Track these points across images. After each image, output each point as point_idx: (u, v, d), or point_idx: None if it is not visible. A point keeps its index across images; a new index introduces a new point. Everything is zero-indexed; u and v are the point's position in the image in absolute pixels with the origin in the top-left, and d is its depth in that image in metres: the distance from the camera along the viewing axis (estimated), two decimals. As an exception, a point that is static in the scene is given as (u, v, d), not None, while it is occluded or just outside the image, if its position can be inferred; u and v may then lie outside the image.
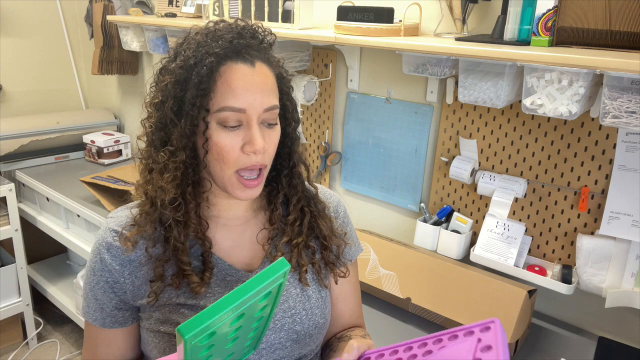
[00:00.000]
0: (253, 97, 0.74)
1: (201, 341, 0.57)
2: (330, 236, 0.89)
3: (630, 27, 1.06)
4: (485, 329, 0.56)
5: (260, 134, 0.75)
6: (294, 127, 0.86)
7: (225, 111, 0.73)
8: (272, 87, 0.77)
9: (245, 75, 0.74)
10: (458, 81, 1.27)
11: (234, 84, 0.73)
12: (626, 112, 1.03)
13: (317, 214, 0.89)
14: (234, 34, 0.76)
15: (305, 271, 0.85)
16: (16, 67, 2.60)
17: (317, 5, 1.62)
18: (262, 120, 0.76)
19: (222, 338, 0.61)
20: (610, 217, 1.24)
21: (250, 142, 0.74)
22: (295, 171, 0.88)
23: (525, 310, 1.27)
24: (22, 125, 2.44)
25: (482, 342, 0.55)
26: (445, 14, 1.41)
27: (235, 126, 0.74)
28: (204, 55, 0.73)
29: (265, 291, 0.61)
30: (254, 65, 0.75)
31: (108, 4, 2.34)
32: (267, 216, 0.89)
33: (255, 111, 0.74)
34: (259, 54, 0.77)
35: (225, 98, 0.73)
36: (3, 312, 2.27)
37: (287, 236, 0.86)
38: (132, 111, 2.74)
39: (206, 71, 0.73)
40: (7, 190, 2.19)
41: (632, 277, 1.24)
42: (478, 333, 0.56)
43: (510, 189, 1.38)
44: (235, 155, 0.75)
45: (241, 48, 0.75)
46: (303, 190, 0.89)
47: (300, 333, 0.83)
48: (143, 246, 0.80)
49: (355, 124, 1.75)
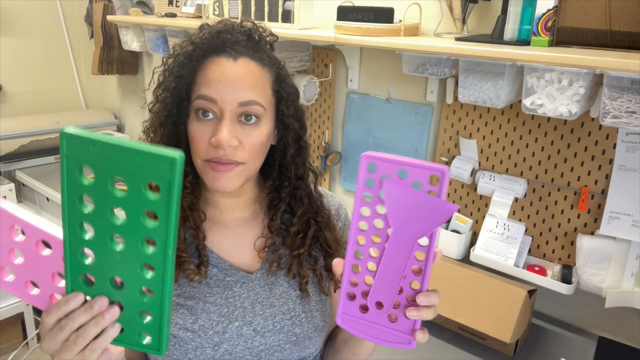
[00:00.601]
0: (226, 89, 0.74)
1: (80, 157, 0.50)
2: (334, 245, 0.88)
3: (630, 27, 1.06)
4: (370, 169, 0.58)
5: (228, 127, 0.73)
6: (294, 136, 0.83)
7: (199, 100, 0.75)
8: (253, 84, 0.76)
9: (224, 67, 0.75)
10: (458, 81, 1.27)
11: (209, 74, 0.75)
12: (626, 112, 1.03)
13: (324, 224, 0.88)
14: (221, 29, 0.77)
15: (305, 282, 0.85)
16: (16, 67, 2.60)
17: (317, 5, 1.62)
18: (238, 114, 0.75)
19: (104, 206, 0.52)
20: (610, 217, 1.24)
21: (215, 134, 0.74)
22: (299, 183, 0.86)
23: (525, 310, 1.27)
24: (22, 125, 2.44)
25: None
26: (445, 14, 1.41)
27: (208, 117, 0.75)
28: (189, 46, 0.77)
29: (145, 160, 0.49)
30: (236, 59, 0.75)
31: (108, 4, 2.34)
32: (266, 223, 0.87)
33: (227, 103, 0.73)
34: (246, 50, 0.77)
35: (200, 87, 0.75)
36: (3, 312, 2.27)
37: (286, 247, 0.85)
38: (132, 111, 2.74)
39: (190, 62, 0.75)
40: (7, 190, 2.19)
41: (632, 277, 1.24)
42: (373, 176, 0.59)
43: (510, 189, 1.38)
44: (204, 146, 0.75)
45: (227, 42, 0.76)
46: (309, 203, 0.87)
47: (299, 335, 0.83)
48: None
49: (355, 124, 1.75)
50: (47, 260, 0.57)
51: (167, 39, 1.98)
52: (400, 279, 0.61)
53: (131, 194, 0.51)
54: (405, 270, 0.60)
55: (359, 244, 0.61)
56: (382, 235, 0.60)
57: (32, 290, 0.59)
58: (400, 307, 0.63)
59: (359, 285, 0.64)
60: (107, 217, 0.53)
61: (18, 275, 0.58)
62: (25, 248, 0.57)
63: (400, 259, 0.60)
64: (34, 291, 0.59)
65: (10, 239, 0.57)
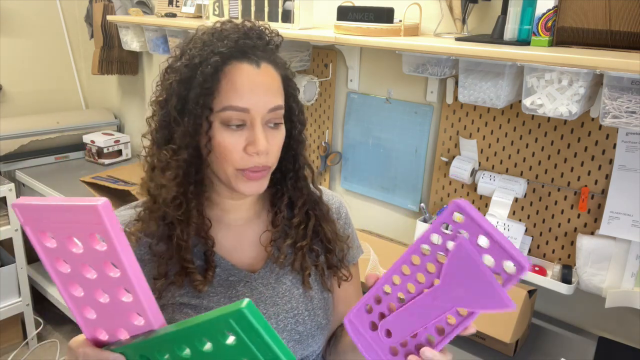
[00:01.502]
0: (257, 97, 0.73)
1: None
2: (334, 239, 0.89)
3: (630, 27, 1.06)
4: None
5: (263, 134, 0.74)
6: (299, 129, 0.85)
7: (229, 110, 0.73)
8: (277, 88, 0.77)
9: (250, 75, 0.74)
10: (458, 81, 1.27)
11: (238, 83, 0.73)
12: (626, 112, 1.03)
13: (322, 217, 0.89)
14: (240, 34, 0.76)
15: (308, 274, 0.85)
16: (16, 67, 2.60)
17: (317, 5, 1.62)
18: (267, 120, 0.76)
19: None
20: (610, 217, 1.24)
21: (253, 142, 0.74)
22: (300, 174, 0.87)
23: (525, 310, 1.27)
24: (22, 125, 2.44)
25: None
26: (445, 14, 1.41)
27: (238, 126, 0.74)
28: (209, 54, 0.73)
29: (213, 328, 0.52)
30: (259, 65, 0.75)
31: (108, 4, 2.34)
32: (270, 218, 0.88)
33: (259, 111, 0.74)
34: (264, 54, 0.77)
35: (229, 97, 0.73)
36: (3, 312, 2.27)
37: (290, 239, 0.86)
38: (132, 111, 2.74)
39: (210, 70, 0.72)
40: (7, 190, 2.19)
41: (632, 277, 1.24)
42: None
43: (510, 189, 1.38)
44: (238, 156, 0.74)
45: (247, 48, 0.75)
46: (308, 194, 0.88)
47: (302, 334, 0.83)
48: (147, 244, 0.80)
49: (355, 124, 1.75)
50: (123, 303, 0.56)
51: (167, 39, 1.98)
52: (420, 326, 0.59)
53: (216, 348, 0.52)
54: (430, 323, 0.58)
55: (402, 272, 0.60)
56: (427, 279, 0.58)
57: (89, 314, 0.58)
58: (405, 346, 0.62)
59: (381, 304, 0.63)
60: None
61: (87, 293, 0.57)
62: (109, 284, 0.56)
63: (431, 311, 0.58)
64: (90, 315, 0.58)
65: (105, 272, 0.55)
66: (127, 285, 0.55)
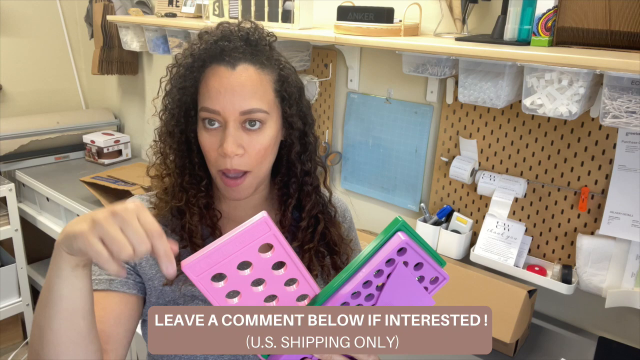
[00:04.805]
0: (226, 99, 0.75)
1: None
2: (339, 242, 0.90)
3: (630, 27, 1.06)
4: (400, 251, 0.61)
5: (233, 137, 0.75)
6: (298, 134, 0.84)
7: (203, 111, 0.77)
8: (253, 90, 0.76)
9: (222, 77, 0.75)
10: (458, 81, 1.27)
11: (209, 85, 0.76)
12: (626, 112, 1.03)
13: (330, 220, 0.90)
14: (219, 37, 0.78)
15: (315, 275, 0.86)
16: (16, 67, 2.60)
17: (317, 5, 1.62)
18: (242, 121, 0.76)
19: None
20: (610, 217, 1.24)
21: (221, 144, 0.76)
22: (306, 179, 0.87)
23: (525, 310, 1.27)
24: (22, 125, 2.43)
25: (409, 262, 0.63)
26: (445, 14, 1.41)
27: (214, 126, 0.77)
28: (188, 58, 0.78)
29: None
30: (234, 67, 0.76)
31: (108, 4, 2.34)
32: (277, 218, 0.89)
33: (229, 113, 0.75)
34: (244, 56, 0.77)
35: (203, 99, 0.77)
36: (3, 312, 2.27)
37: (298, 241, 0.86)
38: (132, 111, 2.74)
39: (190, 73, 0.77)
40: (7, 190, 2.19)
41: (632, 277, 1.24)
42: (397, 257, 0.61)
43: (510, 189, 1.38)
44: (214, 156, 0.78)
45: (225, 50, 0.76)
46: (317, 196, 0.89)
47: None
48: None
49: (355, 124, 1.75)
50: (289, 294, 0.61)
51: (167, 39, 1.98)
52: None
53: None
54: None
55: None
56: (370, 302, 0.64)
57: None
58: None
59: None
60: None
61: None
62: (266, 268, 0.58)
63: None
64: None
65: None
66: (292, 276, 0.60)
